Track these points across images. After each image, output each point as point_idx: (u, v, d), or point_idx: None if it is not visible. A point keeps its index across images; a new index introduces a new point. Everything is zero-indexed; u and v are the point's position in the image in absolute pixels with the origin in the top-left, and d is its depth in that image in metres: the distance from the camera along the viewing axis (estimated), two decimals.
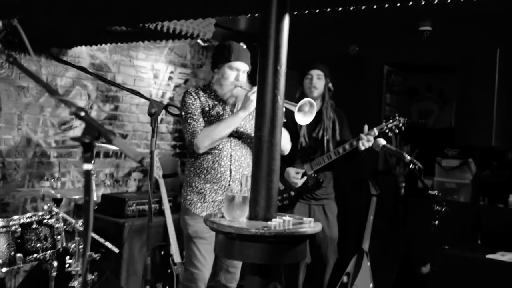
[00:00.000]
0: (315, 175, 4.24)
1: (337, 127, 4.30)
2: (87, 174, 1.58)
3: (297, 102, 4.49)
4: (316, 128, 4.27)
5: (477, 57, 4.50)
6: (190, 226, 3.40)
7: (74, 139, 1.61)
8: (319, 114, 4.21)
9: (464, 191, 5.48)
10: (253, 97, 3.17)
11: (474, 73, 4.50)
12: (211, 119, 3.39)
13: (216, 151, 3.38)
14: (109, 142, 1.59)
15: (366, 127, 3.99)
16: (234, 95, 3.41)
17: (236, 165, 3.43)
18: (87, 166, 1.58)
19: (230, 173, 3.41)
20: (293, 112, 4.42)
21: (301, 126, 4.20)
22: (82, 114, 1.60)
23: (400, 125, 4.03)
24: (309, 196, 4.31)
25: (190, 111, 3.34)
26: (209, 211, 3.37)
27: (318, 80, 4.28)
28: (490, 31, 4.85)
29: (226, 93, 3.42)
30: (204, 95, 3.44)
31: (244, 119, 3.44)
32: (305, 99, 3.11)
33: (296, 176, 4.19)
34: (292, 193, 4.26)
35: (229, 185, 3.37)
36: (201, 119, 3.36)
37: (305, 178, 4.22)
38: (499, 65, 4.28)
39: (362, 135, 3.95)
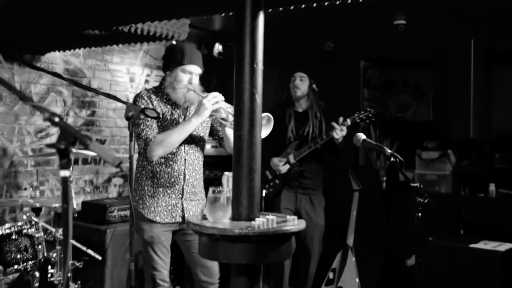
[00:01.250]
0: (297, 164, 4.52)
1: (324, 126, 4.57)
2: (64, 181, 1.55)
3: (285, 103, 4.63)
4: (302, 126, 4.60)
5: (452, 49, 4.53)
6: (146, 232, 3.37)
7: (49, 145, 1.57)
8: (305, 113, 4.63)
9: (445, 182, 5.52)
10: (208, 104, 3.16)
11: (449, 65, 4.53)
12: (164, 124, 3.34)
13: (169, 155, 3.34)
14: (86, 147, 1.55)
15: (341, 119, 4.33)
16: (187, 99, 3.36)
17: (190, 168, 3.41)
18: (64, 173, 1.53)
19: (184, 177, 3.38)
20: (283, 110, 4.57)
21: (289, 122, 4.60)
22: (56, 119, 1.55)
23: (371, 115, 4.40)
24: (296, 184, 4.60)
25: (142, 117, 3.26)
26: (163, 215, 3.35)
27: (300, 82, 4.60)
28: (463, 22, 4.89)
29: (179, 97, 3.36)
30: (157, 99, 3.38)
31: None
32: (264, 114, 3.08)
33: (279, 163, 4.52)
34: (277, 181, 4.58)
35: (183, 188, 3.38)
36: (154, 125, 3.29)
37: (288, 166, 4.54)
38: (474, 56, 4.31)
39: (335, 124, 4.29)
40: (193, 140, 3.42)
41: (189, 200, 3.42)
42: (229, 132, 3.20)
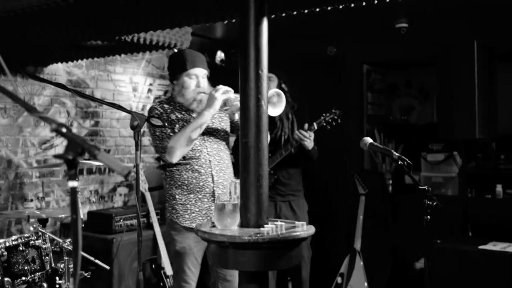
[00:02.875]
0: (271, 171, 4.31)
1: (296, 127, 4.34)
2: (73, 192, 1.53)
3: None
4: (274, 129, 4.34)
5: (455, 50, 4.51)
6: (178, 242, 3.34)
7: (57, 156, 1.56)
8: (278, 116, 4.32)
9: (451, 184, 5.50)
10: (218, 94, 3.15)
11: (453, 66, 4.51)
12: (179, 129, 3.34)
13: (193, 160, 3.33)
14: (94, 157, 1.53)
15: (306, 125, 4.16)
16: (198, 100, 3.35)
17: (217, 169, 3.38)
18: (72, 184, 1.52)
19: (213, 178, 3.35)
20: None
21: None
22: (64, 130, 1.54)
23: (336, 117, 4.21)
24: (273, 192, 4.36)
25: (154, 127, 3.26)
26: (198, 221, 3.31)
27: (269, 82, 4.31)
28: (465, 23, 4.89)
29: (190, 102, 3.36)
30: (170, 108, 3.39)
31: (215, 122, 3.42)
32: (272, 90, 3.04)
33: None
34: None
35: (213, 190, 3.33)
36: (168, 130, 3.30)
37: None
38: (477, 56, 4.29)
39: (296, 132, 4.15)
40: (214, 140, 3.41)
41: None
42: None
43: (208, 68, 3.46)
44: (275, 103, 3.01)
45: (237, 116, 3.32)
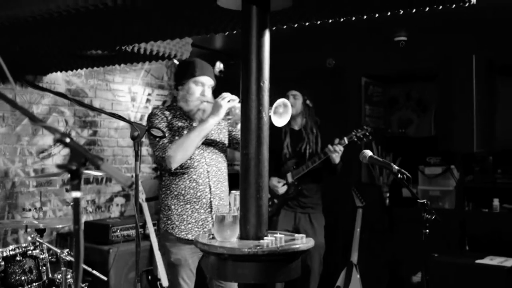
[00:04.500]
0: (296, 183, 4.49)
1: (320, 142, 4.53)
2: (76, 202, 1.53)
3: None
4: (299, 142, 4.56)
5: (454, 63, 4.54)
6: (173, 254, 3.30)
7: (60, 166, 1.56)
8: (301, 130, 4.60)
9: (449, 198, 5.51)
10: (223, 102, 3.14)
11: (451, 80, 4.53)
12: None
13: (191, 169, 3.29)
14: (97, 167, 1.53)
15: (336, 140, 4.30)
16: (202, 109, 3.33)
17: (215, 180, 3.36)
18: (75, 194, 1.52)
19: (210, 189, 3.33)
20: (279, 128, 4.53)
21: (285, 138, 4.57)
22: (67, 140, 1.54)
23: (368, 133, 4.36)
24: (295, 203, 4.55)
25: (152, 137, 3.23)
26: (194, 232, 3.28)
27: (294, 100, 4.58)
28: (465, 37, 4.92)
29: (192, 109, 3.35)
30: (170, 115, 3.37)
31: (214, 133, 3.40)
32: (279, 100, 3.04)
33: (278, 184, 4.49)
34: (275, 200, 4.53)
35: (211, 201, 3.31)
36: (169, 135, 3.27)
37: (286, 187, 4.51)
38: (476, 70, 4.32)
39: (329, 146, 4.27)
40: (212, 151, 3.39)
41: None
42: None
43: (215, 80, 3.46)
44: (281, 114, 2.99)
45: (239, 127, 3.32)
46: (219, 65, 6.07)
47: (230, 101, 3.17)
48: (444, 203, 5.59)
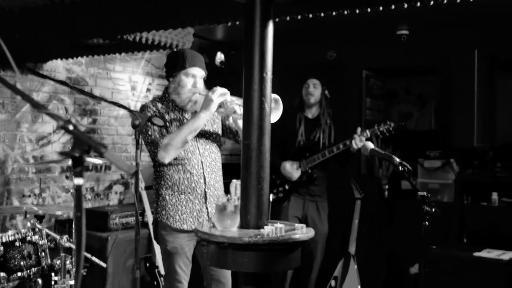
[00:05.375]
0: (310, 171, 4.52)
1: (333, 133, 4.58)
2: (78, 189, 1.54)
3: (297, 109, 4.62)
4: (314, 131, 4.60)
5: (455, 58, 4.54)
6: (169, 242, 3.30)
7: (63, 153, 1.56)
8: (317, 119, 4.63)
9: (448, 191, 5.52)
10: (214, 96, 3.11)
11: (453, 74, 4.54)
12: (173, 130, 3.30)
13: (185, 160, 3.29)
14: (100, 155, 1.53)
15: (359, 129, 4.26)
16: (194, 103, 3.31)
17: (209, 171, 3.36)
18: (78, 181, 1.53)
19: (204, 180, 3.33)
20: (293, 115, 4.56)
21: (299, 125, 4.60)
22: (71, 127, 1.54)
23: (391, 129, 4.36)
24: (304, 191, 4.59)
25: (149, 124, 3.22)
26: (189, 222, 3.29)
27: (314, 89, 4.62)
28: (467, 32, 4.91)
29: (185, 101, 3.32)
30: (163, 107, 3.35)
31: (207, 124, 3.39)
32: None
33: (292, 167, 4.50)
34: (287, 186, 4.56)
35: (205, 192, 3.32)
36: (163, 131, 3.24)
37: (299, 170, 4.52)
38: (477, 65, 4.32)
39: (355, 135, 4.22)
40: (206, 141, 3.39)
41: (214, 204, 3.29)
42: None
43: (206, 71, 3.44)
44: (272, 109, 3.00)
45: (231, 120, 3.30)
46: (220, 56, 6.06)
47: (221, 95, 3.14)
48: (443, 196, 5.60)
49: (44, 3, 2.76)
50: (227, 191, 2.66)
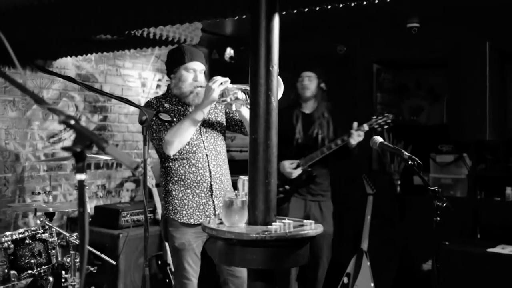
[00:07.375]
0: (309, 169, 4.40)
1: (331, 126, 4.45)
2: (81, 185, 1.52)
3: (293, 104, 4.55)
4: (311, 127, 4.46)
5: (467, 51, 4.47)
6: (177, 239, 3.31)
7: (65, 149, 1.54)
8: (313, 114, 4.49)
9: (460, 186, 5.46)
10: (215, 86, 3.11)
11: (464, 67, 4.47)
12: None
13: (190, 154, 3.30)
14: (102, 150, 1.51)
15: (355, 124, 4.19)
16: (197, 96, 3.32)
17: (214, 164, 3.36)
18: (80, 177, 1.51)
19: (210, 173, 3.33)
20: (291, 110, 4.49)
21: (296, 123, 4.45)
22: (72, 122, 1.52)
23: (389, 121, 4.24)
24: (304, 191, 4.46)
25: (155, 119, 3.23)
26: (196, 216, 3.29)
27: (309, 82, 4.48)
28: (478, 24, 4.84)
29: (187, 96, 3.34)
30: (166, 103, 3.38)
31: (211, 117, 3.39)
32: None
33: (291, 166, 4.38)
34: (287, 187, 4.43)
35: (211, 185, 3.32)
36: (169, 126, 3.26)
37: (299, 169, 4.39)
38: (489, 58, 4.25)
39: (352, 131, 4.15)
40: (211, 135, 3.39)
41: (220, 197, 3.33)
42: (246, 113, 3.09)
43: (206, 64, 3.44)
44: None
45: (234, 108, 3.28)
46: (230, 51, 6.03)
47: (221, 84, 3.14)
48: (456, 191, 5.54)
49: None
50: (236, 188, 2.64)
